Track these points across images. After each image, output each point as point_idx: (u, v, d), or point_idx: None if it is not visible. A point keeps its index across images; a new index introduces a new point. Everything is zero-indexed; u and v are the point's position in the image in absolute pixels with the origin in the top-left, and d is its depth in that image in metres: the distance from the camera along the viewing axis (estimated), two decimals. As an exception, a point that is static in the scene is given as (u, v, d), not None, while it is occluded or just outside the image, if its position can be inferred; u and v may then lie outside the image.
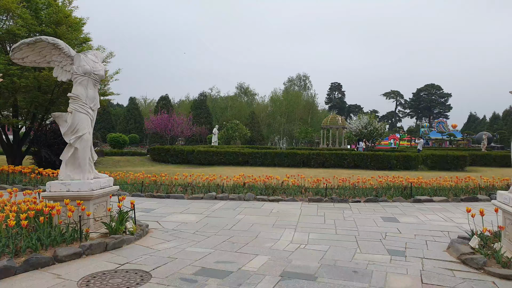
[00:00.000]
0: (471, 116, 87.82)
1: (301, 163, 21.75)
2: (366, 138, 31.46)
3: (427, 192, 10.67)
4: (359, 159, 21.22)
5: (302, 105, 60.38)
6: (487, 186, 11.36)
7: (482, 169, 21.89)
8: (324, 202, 9.76)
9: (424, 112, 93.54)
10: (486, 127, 73.95)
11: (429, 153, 21.38)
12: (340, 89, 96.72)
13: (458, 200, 10.21)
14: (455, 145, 52.68)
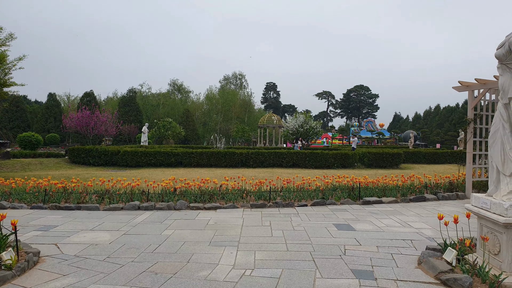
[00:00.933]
0: (396, 116, 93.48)
1: (240, 163, 20.54)
2: (302, 136, 31.19)
3: (375, 192, 9.97)
4: (297, 158, 20.54)
5: (239, 104, 59.37)
6: (432, 184, 10.99)
7: (414, 166, 22.40)
8: (268, 208, 8.57)
9: (354, 112, 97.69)
10: (409, 126, 78.96)
11: (366, 151, 21.35)
12: (275, 89, 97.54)
13: (407, 200, 9.63)
14: (383, 143, 55.16)
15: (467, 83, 10.43)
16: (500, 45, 4.68)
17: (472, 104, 10.45)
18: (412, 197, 9.75)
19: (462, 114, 60.94)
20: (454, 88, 10.84)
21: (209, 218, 7.37)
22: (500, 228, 4.39)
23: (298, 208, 8.61)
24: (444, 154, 25.54)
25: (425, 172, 18.32)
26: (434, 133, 57.15)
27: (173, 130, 34.88)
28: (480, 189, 11.00)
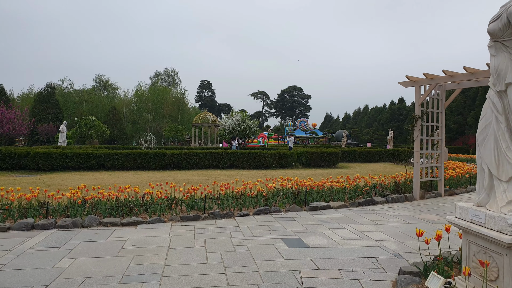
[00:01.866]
0: (327, 116, 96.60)
1: (172, 165, 18.76)
2: (239, 136, 30.07)
3: (322, 196, 9.00)
4: (235, 158, 19.28)
5: (171, 102, 56.70)
6: (379, 185, 10.32)
7: (350, 165, 22.28)
8: (203, 220, 7.14)
9: (288, 112, 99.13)
10: (340, 125, 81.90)
11: (304, 151, 20.72)
12: (210, 87, 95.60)
13: (356, 204, 8.77)
14: (316, 142, 56.15)
15: (415, 78, 9.90)
16: (494, 17, 3.75)
17: (419, 101, 9.94)
18: (361, 201, 8.92)
19: (389, 114, 64.24)
20: (401, 83, 10.28)
21: (125, 239, 5.76)
22: (500, 249, 3.44)
23: (238, 218, 7.30)
24: (378, 153, 25.91)
25: (362, 171, 18.07)
26: (364, 132, 59.46)
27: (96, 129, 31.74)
28: (425, 190, 10.57)
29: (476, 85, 9.67)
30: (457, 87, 10.11)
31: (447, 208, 8.71)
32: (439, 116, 10.50)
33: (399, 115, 62.60)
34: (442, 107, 10.47)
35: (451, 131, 44.89)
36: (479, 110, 41.36)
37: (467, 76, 8.78)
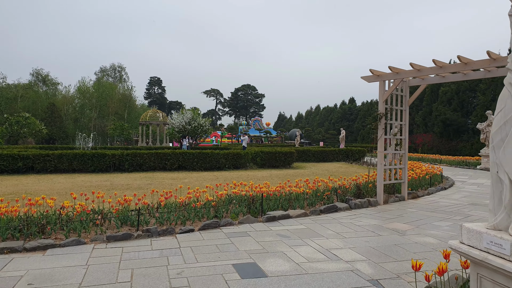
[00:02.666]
0: (281, 115, 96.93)
1: (112, 166, 16.92)
2: (190, 135, 28.45)
3: (279, 203, 7.92)
4: (184, 159, 17.80)
5: (118, 99, 53.56)
6: (340, 189, 9.43)
7: (306, 165, 21.59)
8: (135, 240, 5.76)
9: (242, 111, 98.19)
10: (293, 125, 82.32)
11: (258, 151, 19.68)
12: (160, 84, 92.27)
13: (317, 212, 7.78)
14: (270, 141, 55.64)
15: (379, 73, 9.11)
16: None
17: (383, 97, 9.16)
18: (322, 208, 7.95)
19: (340, 114, 65.25)
20: (364, 78, 9.46)
21: (22, 273, 4.27)
22: (536, 294, 2.49)
23: (181, 236, 6.00)
24: (332, 152, 25.51)
25: (318, 171, 17.35)
26: (316, 131, 59.84)
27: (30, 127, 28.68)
28: (389, 193, 9.85)
29: (441, 81, 9.07)
30: (421, 83, 9.47)
31: (415, 214, 7.96)
32: (403, 114, 9.83)
33: (350, 114, 63.77)
34: (405, 104, 9.80)
35: (400, 131, 45.95)
36: (427, 110, 42.96)
37: (435, 70, 8.10)
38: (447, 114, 37.28)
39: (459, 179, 15.18)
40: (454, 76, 8.87)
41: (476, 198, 10.25)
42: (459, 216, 7.78)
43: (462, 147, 35.88)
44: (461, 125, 36.95)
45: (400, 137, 9.74)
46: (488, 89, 34.23)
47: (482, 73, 8.37)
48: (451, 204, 9.21)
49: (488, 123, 20.13)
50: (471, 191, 11.66)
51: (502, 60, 7.08)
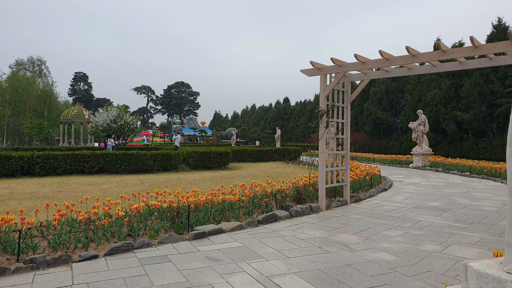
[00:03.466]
0: (216, 114, 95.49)
1: (20, 170, 14.51)
2: (116, 133, 26.06)
3: (211, 214, 6.70)
4: (106, 161, 15.82)
5: (36, 95, 48.34)
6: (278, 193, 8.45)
7: (242, 165, 20.58)
8: (12, 275, 4.18)
9: (175, 109, 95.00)
10: (229, 124, 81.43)
11: (191, 151, 18.23)
12: (87, 80, 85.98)
13: (255, 223, 6.69)
14: (206, 140, 54.05)
15: (320, 65, 8.26)
16: None
17: (325, 92, 8.32)
18: (260, 217, 6.87)
19: (275, 113, 65.51)
20: (304, 71, 8.56)
21: None
22: None
23: (79, 266, 4.53)
24: (268, 152, 24.80)
25: (255, 172, 16.40)
26: (252, 130, 59.38)
27: None
28: (331, 197, 9.07)
29: (385, 75, 8.47)
30: (364, 78, 8.81)
31: (361, 222, 7.19)
32: (344, 111, 9.11)
33: (284, 114, 64.28)
34: (347, 100, 9.09)
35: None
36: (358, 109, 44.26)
37: (380, 63, 7.40)
38: (378, 113, 38.59)
39: (396, 178, 15.10)
40: (399, 71, 8.30)
41: (418, 200, 9.88)
42: (408, 222, 7.15)
43: (392, 146, 37.34)
44: (391, 124, 38.47)
45: (342, 136, 9.01)
46: (415, 89, 35.92)
47: (427, 67, 7.86)
48: (396, 208, 8.66)
49: (419, 122, 20.64)
50: (411, 192, 11.38)
51: (451, 52, 6.52)
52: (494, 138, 28.68)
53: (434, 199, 9.97)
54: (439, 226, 6.81)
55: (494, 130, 29.61)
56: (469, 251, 5.30)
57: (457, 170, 17.40)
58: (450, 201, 9.62)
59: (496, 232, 6.42)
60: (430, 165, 19.98)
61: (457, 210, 8.39)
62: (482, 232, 6.44)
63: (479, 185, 12.99)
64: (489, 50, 6.22)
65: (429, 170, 18.99)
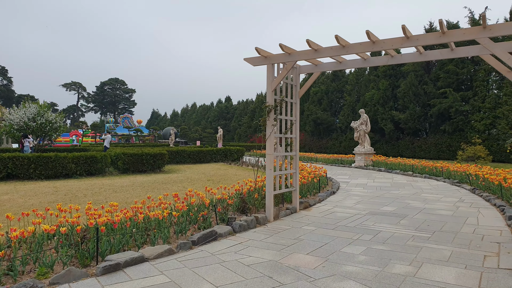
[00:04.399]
0: (154, 113, 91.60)
1: None
2: (36, 133, 23.01)
3: (130, 236, 5.24)
4: (15, 165, 13.45)
5: None
6: (219, 203, 7.15)
7: (180, 168, 18.96)
8: None
9: (109, 107, 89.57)
10: (168, 123, 78.34)
11: (120, 152, 16.27)
12: (6, 74, 77.84)
13: (188, 245, 5.33)
14: (142, 140, 51.09)
15: (267, 53, 7.10)
16: None
17: (273, 85, 7.18)
18: (196, 237, 5.53)
19: (217, 112, 63.97)
20: (248, 60, 7.36)
21: None
22: None
23: None
24: (209, 152, 23.37)
25: (194, 175, 14.96)
26: (192, 130, 57.29)
27: None
28: (278, 204, 7.97)
29: (337, 67, 7.54)
30: (315, 70, 7.81)
31: (315, 235, 6.15)
32: (293, 108, 8.06)
33: (226, 113, 63.02)
34: (296, 96, 8.04)
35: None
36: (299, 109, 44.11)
37: (336, 51, 6.41)
38: (318, 113, 38.73)
39: (341, 179, 14.49)
40: (353, 63, 7.41)
41: (370, 204, 9.13)
42: (367, 234, 6.23)
43: (332, 145, 37.64)
44: (331, 124, 38.79)
45: (291, 135, 7.95)
46: (354, 90, 36.47)
47: (385, 58, 7.04)
48: (349, 215, 7.77)
49: (361, 121, 20.46)
50: (360, 194, 10.67)
51: (417, 39, 5.69)
52: (428, 137, 29.79)
53: (386, 202, 9.29)
54: (402, 238, 5.96)
55: (427, 129, 30.79)
56: (445, 272, 4.43)
57: (400, 169, 17.33)
58: (403, 204, 8.98)
59: (463, 243, 5.69)
60: (373, 165, 19.86)
61: (413, 215, 7.70)
62: (449, 243, 5.68)
63: (424, 185, 12.73)
64: (458, 37, 5.45)
65: (372, 169, 18.80)
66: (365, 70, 36.57)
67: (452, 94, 26.71)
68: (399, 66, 32.28)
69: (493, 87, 25.87)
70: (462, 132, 27.07)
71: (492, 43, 5.30)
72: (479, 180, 11.28)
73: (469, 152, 18.77)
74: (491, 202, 8.87)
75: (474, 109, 26.15)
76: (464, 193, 10.73)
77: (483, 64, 26.38)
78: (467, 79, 27.41)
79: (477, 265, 4.68)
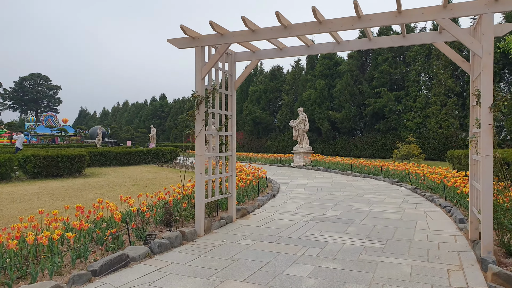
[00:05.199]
0: (82, 111, 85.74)
1: None
2: None
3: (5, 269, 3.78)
4: None
5: None
6: (137, 217, 5.83)
7: (103, 171, 17.00)
8: None
9: (30, 105, 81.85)
10: (97, 122, 73.57)
11: (30, 154, 14.02)
12: None
13: (87, 277, 3.99)
14: (67, 141, 47.00)
15: (196, 34, 5.91)
16: None
17: (203, 71, 6.01)
18: (99, 264, 4.19)
19: (151, 111, 60.97)
20: (172, 42, 6.11)
21: None
22: None
23: None
24: (139, 154, 21.49)
25: (118, 180, 13.29)
26: (124, 129, 53.93)
27: None
28: (211, 212, 6.82)
29: (278, 55, 6.59)
30: (252, 58, 6.79)
31: (253, 252, 5.10)
32: (229, 101, 6.97)
33: (161, 112, 60.38)
34: (232, 87, 6.96)
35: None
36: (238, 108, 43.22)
37: (277, 32, 5.43)
38: (257, 112, 38.14)
39: (281, 180, 13.70)
40: (296, 50, 6.50)
41: (313, 208, 8.32)
42: (314, 247, 5.31)
43: (271, 145, 37.24)
44: (269, 123, 38.38)
45: (226, 133, 6.85)
46: (291, 89, 36.38)
47: (330, 46, 6.21)
48: (292, 222, 6.86)
49: (300, 120, 19.96)
50: (301, 197, 9.88)
51: (370, 19, 4.87)
52: (363, 136, 30.41)
53: (330, 205, 8.56)
54: (354, 251, 5.13)
55: (362, 129, 31.46)
56: (412, 297, 3.60)
57: (339, 169, 17.02)
58: (347, 208, 8.30)
59: (420, 254, 5.00)
60: (311, 164, 19.46)
61: (361, 221, 6.98)
62: (406, 255, 4.94)
63: (365, 184, 12.34)
64: (416, 18, 4.72)
65: (311, 169, 18.36)
66: (302, 70, 36.65)
67: (386, 94, 27.42)
68: (335, 66, 32.66)
69: (423, 87, 26.98)
70: (395, 131, 27.91)
71: (454, 25, 4.63)
72: (420, 179, 11.06)
73: (403, 151, 19.07)
74: (435, 203, 8.49)
75: (406, 109, 27.07)
76: (406, 192, 10.40)
77: (414, 65, 27.41)
78: (400, 79, 28.34)
79: (443, 285, 3.93)
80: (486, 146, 4.30)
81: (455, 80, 25.26)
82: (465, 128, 24.35)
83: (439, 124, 24.97)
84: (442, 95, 24.90)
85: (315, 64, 34.51)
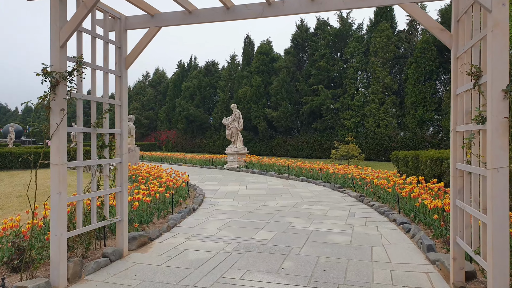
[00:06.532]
0: (2, 108, 78.64)
1: None
2: None
3: None
4: None
5: None
6: None
7: (-7, 178, 13.84)
8: None
9: None
10: (19, 119, 67.49)
11: None
12: None
13: None
14: (-28, 140, 40.91)
15: None
16: None
17: (62, 33, 3.87)
18: None
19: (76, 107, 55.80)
20: None
21: None
22: None
23: None
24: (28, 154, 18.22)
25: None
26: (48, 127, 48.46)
27: None
28: (89, 246, 4.68)
29: (186, 21, 4.65)
30: (151, 24, 4.78)
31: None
32: (116, 84, 4.89)
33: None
34: (121, 64, 4.88)
35: (143, 127, 42.20)
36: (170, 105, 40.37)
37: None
38: (190, 110, 35.81)
39: (209, 186, 11.76)
40: (210, 14, 4.60)
41: (240, 228, 6.48)
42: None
43: (206, 144, 35.14)
44: (204, 121, 36.24)
45: (109, 131, 4.76)
46: (227, 86, 34.53)
47: (259, 8, 4.40)
48: (207, 256, 4.95)
49: (233, 117, 18.13)
50: (228, 210, 8.02)
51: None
52: (300, 136, 29.42)
53: (261, 223, 6.79)
54: (291, 311, 3.35)
55: (299, 128, 30.46)
56: None
57: (275, 171, 15.47)
58: (283, 226, 6.57)
59: (387, 310, 3.35)
60: (246, 166, 17.74)
61: (300, 250, 5.25)
62: (366, 314, 3.26)
63: (303, 190, 10.82)
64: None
65: (245, 171, 16.63)
66: (238, 66, 34.96)
67: (324, 91, 26.59)
68: (271, 62, 31.39)
69: (361, 85, 26.51)
70: (333, 130, 27.19)
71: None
72: (365, 185, 9.72)
73: (342, 151, 18.07)
74: (388, 217, 7.05)
75: (344, 107, 26.42)
76: (351, 201, 8.96)
77: (352, 61, 26.88)
78: (337, 76, 27.68)
79: None
80: (497, 152, 2.74)
81: (393, 78, 25.06)
82: (403, 127, 24.18)
83: (377, 123, 24.58)
84: (380, 93, 24.53)
85: (252, 60, 33.02)
